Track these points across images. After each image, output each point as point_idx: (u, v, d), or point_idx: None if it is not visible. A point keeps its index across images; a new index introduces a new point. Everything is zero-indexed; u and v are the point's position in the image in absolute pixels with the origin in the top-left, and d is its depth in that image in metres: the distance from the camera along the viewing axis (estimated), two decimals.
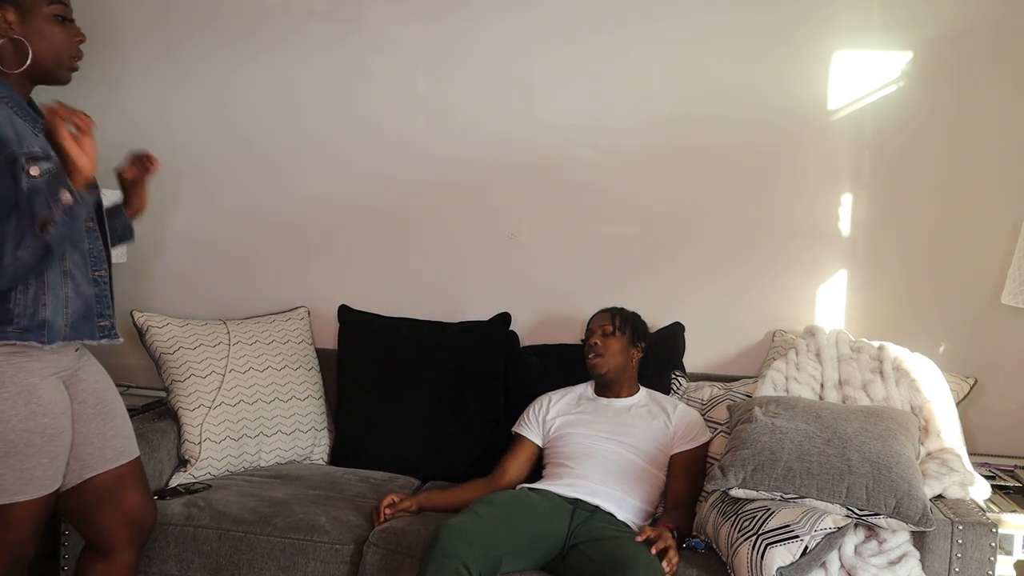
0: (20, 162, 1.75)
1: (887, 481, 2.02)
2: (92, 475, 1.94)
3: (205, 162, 3.11)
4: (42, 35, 1.86)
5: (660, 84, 2.86)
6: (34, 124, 1.85)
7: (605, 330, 2.56)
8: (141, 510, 2.06)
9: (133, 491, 2.03)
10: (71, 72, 1.94)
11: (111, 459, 1.97)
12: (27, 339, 1.76)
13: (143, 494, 2.07)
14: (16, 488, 1.76)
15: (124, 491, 2.01)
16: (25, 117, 1.84)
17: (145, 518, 2.08)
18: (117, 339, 1.93)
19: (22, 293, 1.77)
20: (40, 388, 1.79)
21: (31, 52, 1.84)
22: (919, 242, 2.78)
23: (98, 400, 1.96)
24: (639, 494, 2.36)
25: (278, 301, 3.07)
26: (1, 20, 1.82)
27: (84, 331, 1.87)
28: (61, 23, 1.89)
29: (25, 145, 1.78)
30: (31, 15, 1.84)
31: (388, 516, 2.33)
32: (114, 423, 1.99)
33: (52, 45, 1.87)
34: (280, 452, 2.78)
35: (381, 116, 3.01)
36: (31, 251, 1.71)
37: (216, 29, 3.07)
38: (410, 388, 2.83)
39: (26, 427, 1.76)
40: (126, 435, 2.03)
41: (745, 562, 2.00)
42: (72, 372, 1.91)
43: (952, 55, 2.71)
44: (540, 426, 2.56)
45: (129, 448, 2.02)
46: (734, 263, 2.87)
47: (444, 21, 2.96)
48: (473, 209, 3.00)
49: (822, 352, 2.58)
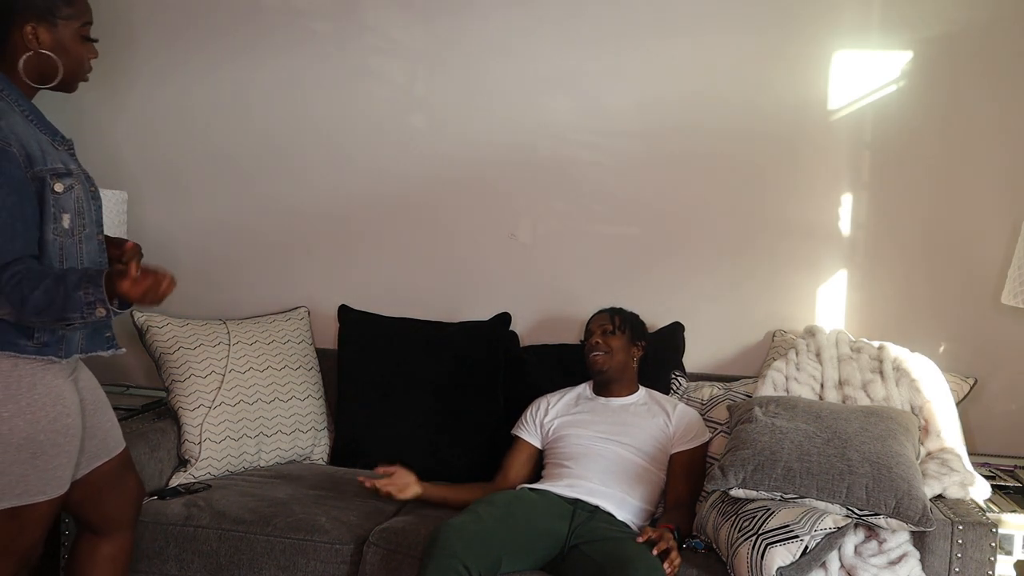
0: (47, 180, 1.76)
1: (887, 481, 2.02)
2: (98, 464, 1.99)
3: (204, 162, 3.11)
4: (66, 52, 1.86)
5: (660, 84, 2.86)
6: (53, 137, 1.85)
7: (605, 329, 2.56)
8: (140, 489, 2.16)
9: (131, 473, 2.13)
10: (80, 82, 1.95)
11: (112, 448, 2.03)
12: (46, 353, 1.79)
13: (137, 475, 2.17)
14: (38, 488, 1.78)
15: (126, 474, 2.09)
16: (45, 130, 1.84)
17: (141, 496, 2.18)
18: (121, 348, 1.99)
19: None
20: (64, 389, 1.82)
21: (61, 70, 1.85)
22: (919, 242, 2.78)
23: (94, 396, 2.00)
24: (639, 494, 2.36)
25: (278, 301, 3.07)
26: (31, 35, 1.82)
27: (97, 344, 1.91)
28: (84, 41, 1.89)
29: (49, 162, 1.78)
30: (62, 33, 1.85)
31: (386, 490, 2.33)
32: (108, 415, 2.05)
33: (73, 62, 1.88)
34: (280, 452, 2.78)
35: (382, 116, 3.01)
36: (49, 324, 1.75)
37: (215, 29, 3.07)
38: (410, 388, 2.83)
39: (54, 428, 1.78)
40: (117, 426, 2.10)
41: (745, 562, 2.00)
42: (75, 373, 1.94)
43: (952, 55, 2.71)
44: (538, 428, 2.56)
45: (120, 436, 2.09)
46: (734, 263, 2.87)
47: (444, 21, 2.96)
48: (473, 209, 3.00)
49: (822, 352, 2.58)
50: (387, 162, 3.02)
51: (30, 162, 1.74)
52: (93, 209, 1.89)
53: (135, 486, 2.13)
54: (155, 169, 3.14)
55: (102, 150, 3.12)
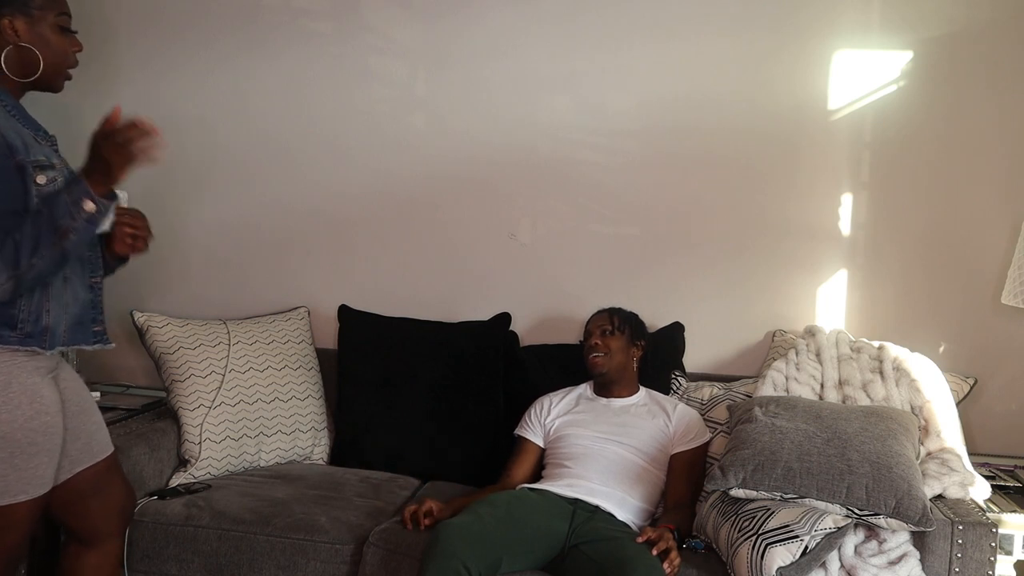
0: (28, 170, 1.75)
1: (887, 481, 2.02)
2: (81, 469, 1.96)
3: (203, 163, 3.11)
4: (47, 44, 1.86)
5: (660, 84, 2.86)
6: (36, 131, 1.85)
7: (604, 329, 2.56)
8: (126, 497, 2.12)
9: (117, 481, 2.09)
10: (66, 80, 1.94)
11: (96, 452, 2.01)
12: (29, 344, 1.78)
13: (125, 482, 2.13)
14: (19, 488, 1.77)
15: (111, 481, 2.05)
16: (28, 125, 1.84)
17: (129, 504, 2.14)
18: (110, 344, 1.96)
19: (27, 299, 1.77)
20: (42, 387, 1.80)
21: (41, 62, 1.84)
22: (919, 242, 2.78)
23: (79, 397, 1.98)
24: (639, 494, 2.36)
25: (278, 301, 3.07)
26: (9, 28, 1.82)
27: (80, 337, 1.89)
28: (64, 33, 1.89)
29: (32, 154, 1.78)
30: (39, 24, 1.84)
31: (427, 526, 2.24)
32: (94, 419, 2.02)
33: (54, 55, 1.87)
34: (280, 452, 2.78)
35: (381, 116, 3.02)
36: (48, 259, 1.72)
37: (213, 29, 3.07)
38: (410, 388, 2.83)
39: (31, 426, 1.77)
40: (104, 430, 2.07)
41: (745, 562, 2.00)
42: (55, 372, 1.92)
43: (952, 55, 2.71)
44: (541, 428, 2.56)
45: (107, 442, 2.07)
46: (734, 263, 2.87)
47: (444, 21, 2.96)
48: (473, 209, 3.00)
49: (822, 352, 2.58)
50: (387, 162, 3.02)
51: (11, 151, 1.74)
52: None
53: (121, 494, 2.09)
54: (155, 169, 3.11)
55: None
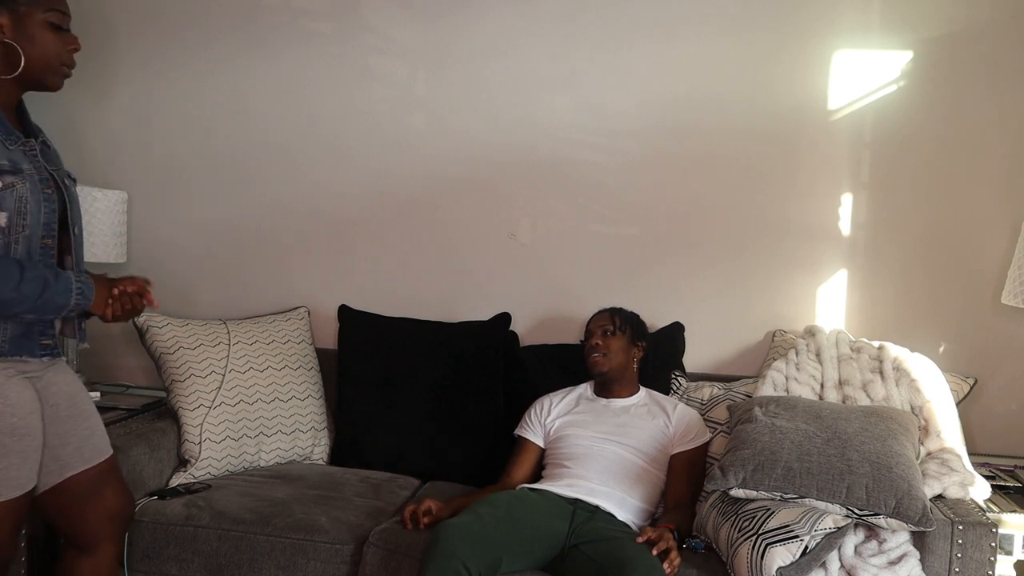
0: None
1: (887, 481, 2.02)
2: (72, 473, 1.96)
3: (203, 163, 3.11)
4: (34, 41, 1.84)
5: (660, 84, 2.86)
6: (8, 135, 1.83)
7: (605, 329, 2.56)
8: (121, 503, 2.09)
9: (112, 486, 2.06)
10: (63, 79, 1.92)
11: (88, 458, 1.99)
12: None
13: (121, 488, 2.10)
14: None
15: (104, 487, 2.03)
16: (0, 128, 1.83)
17: (125, 510, 2.11)
18: (60, 357, 1.97)
19: None
20: (7, 389, 1.79)
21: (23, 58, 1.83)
22: (919, 242, 2.78)
23: (71, 403, 1.97)
24: (639, 494, 2.36)
25: (278, 301, 3.07)
26: None
27: (24, 348, 1.87)
28: (55, 30, 1.87)
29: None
30: (25, 20, 1.83)
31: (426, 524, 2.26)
32: (88, 423, 2.01)
33: (43, 52, 1.85)
34: (280, 452, 2.78)
35: (381, 116, 3.02)
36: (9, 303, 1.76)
37: (213, 29, 3.07)
38: (410, 388, 2.83)
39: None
40: (100, 435, 2.05)
41: (745, 562, 2.00)
42: (39, 376, 1.91)
43: (952, 55, 2.71)
44: (541, 428, 2.56)
45: (104, 447, 2.05)
46: (734, 263, 2.87)
47: (444, 21, 2.96)
48: (473, 209, 3.00)
49: (822, 352, 2.58)
50: (387, 162, 3.02)
51: None
52: (42, 212, 1.84)
53: (116, 500, 2.06)
54: (155, 169, 3.15)
55: (102, 150, 3.13)
